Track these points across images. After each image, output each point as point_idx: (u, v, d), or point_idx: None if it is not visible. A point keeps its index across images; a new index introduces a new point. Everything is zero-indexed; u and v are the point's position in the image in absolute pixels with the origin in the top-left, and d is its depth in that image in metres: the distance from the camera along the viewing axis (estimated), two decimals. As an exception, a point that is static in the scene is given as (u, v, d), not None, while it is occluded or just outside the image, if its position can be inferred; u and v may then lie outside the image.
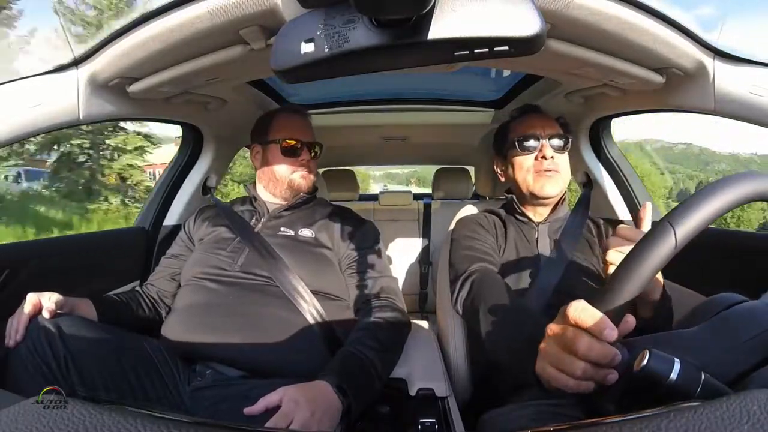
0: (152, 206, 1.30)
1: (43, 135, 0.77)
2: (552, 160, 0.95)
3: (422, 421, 0.79)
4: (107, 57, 0.71)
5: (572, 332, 0.43)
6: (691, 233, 0.40)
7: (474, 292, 0.83)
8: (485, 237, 0.98)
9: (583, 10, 0.59)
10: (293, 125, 1.10)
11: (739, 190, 0.40)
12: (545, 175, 0.96)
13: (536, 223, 1.00)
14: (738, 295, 0.51)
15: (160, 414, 0.31)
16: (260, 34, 0.63)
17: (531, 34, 0.38)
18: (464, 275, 0.88)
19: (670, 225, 0.40)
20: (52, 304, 0.72)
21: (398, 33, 0.40)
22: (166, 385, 0.79)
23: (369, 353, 0.80)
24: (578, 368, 0.42)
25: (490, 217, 1.05)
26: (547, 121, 0.99)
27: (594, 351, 0.41)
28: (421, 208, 2.06)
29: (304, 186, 1.09)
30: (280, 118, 1.11)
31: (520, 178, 0.99)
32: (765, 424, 0.26)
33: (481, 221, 1.03)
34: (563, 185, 0.98)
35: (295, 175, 1.07)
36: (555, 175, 0.96)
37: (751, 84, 0.68)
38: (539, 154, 0.96)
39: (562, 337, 0.44)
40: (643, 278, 0.41)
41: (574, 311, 0.43)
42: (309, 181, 1.10)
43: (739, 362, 0.40)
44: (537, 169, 0.96)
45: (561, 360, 0.44)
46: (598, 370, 0.42)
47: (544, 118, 1.00)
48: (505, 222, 1.03)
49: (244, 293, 0.89)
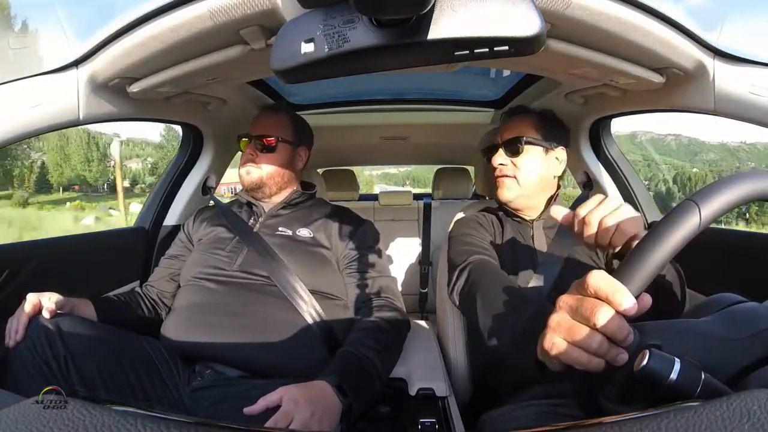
0: (152, 206, 1.30)
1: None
2: (502, 166, 0.97)
3: (422, 421, 0.79)
4: (107, 57, 0.71)
5: (591, 303, 0.40)
6: (716, 214, 0.39)
7: (471, 281, 0.83)
8: (482, 234, 0.99)
9: (583, 11, 0.59)
10: (255, 121, 1.09)
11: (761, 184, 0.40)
12: (499, 182, 0.99)
13: (530, 220, 1.00)
14: (738, 296, 0.51)
15: (160, 414, 0.31)
16: (260, 34, 0.63)
17: (531, 34, 0.38)
18: (461, 266, 0.88)
19: (695, 204, 0.40)
20: (52, 304, 0.72)
21: (398, 33, 0.40)
22: (166, 385, 0.79)
23: (369, 353, 0.80)
24: (595, 341, 0.39)
25: (488, 216, 1.05)
26: (512, 123, 1.00)
27: (613, 324, 0.39)
28: (421, 208, 2.06)
29: (246, 181, 1.06)
30: (254, 117, 1.11)
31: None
32: (765, 424, 0.26)
33: (480, 220, 1.03)
34: (522, 188, 0.97)
35: (241, 171, 1.07)
36: (506, 180, 0.97)
37: (751, 84, 0.68)
38: (491, 163, 1.00)
39: (577, 308, 0.42)
40: (665, 255, 0.40)
41: (595, 280, 0.41)
42: (253, 176, 1.06)
43: (742, 355, 0.40)
44: (494, 176, 1.00)
45: (575, 332, 0.41)
46: (611, 347, 0.40)
47: (513, 120, 1.01)
48: (501, 220, 1.03)
49: (243, 293, 0.89)
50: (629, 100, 0.96)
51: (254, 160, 1.06)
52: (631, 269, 0.41)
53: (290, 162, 1.10)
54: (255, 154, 1.06)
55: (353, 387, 0.72)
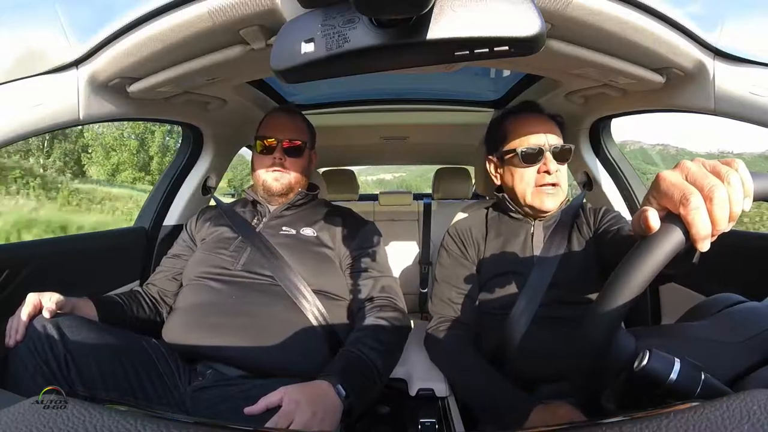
0: (152, 206, 1.30)
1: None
2: (555, 174, 0.91)
3: (422, 421, 0.79)
4: (107, 57, 0.71)
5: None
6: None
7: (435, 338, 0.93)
8: (463, 266, 0.99)
9: (583, 10, 0.59)
10: (273, 123, 1.07)
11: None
12: (544, 191, 0.92)
13: (532, 219, 0.99)
14: (738, 296, 0.51)
15: (160, 414, 0.31)
16: (260, 34, 0.63)
17: (531, 34, 0.38)
18: (433, 319, 0.97)
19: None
20: (52, 304, 0.72)
21: (398, 33, 0.40)
22: (166, 385, 0.79)
23: (370, 353, 0.80)
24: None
25: (478, 224, 1.04)
26: (548, 126, 0.95)
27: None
28: (421, 209, 2.06)
29: (276, 188, 1.04)
30: (268, 117, 1.10)
31: (519, 189, 0.95)
32: (765, 424, 0.26)
33: (466, 235, 1.01)
34: (563, 197, 0.95)
35: (267, 176, 1.04)
36: (556, 189, 0.93)
37: (751, 84, 0.68)
38: (542, 168, 0.91)
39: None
40: (660, 261, 0.39)
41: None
42: (283, 182, 1.04)
43: (741, 358, 0.40)
44: (538, 183, 0.92)
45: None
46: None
47: (546, 122, 0.96)
48: (497, 221, 1.03)
49: (246, 293, 0.89)
50: (629, 100, 0.96)
51: (283, 165, 1.04)
52: (623, 276, 0.40)
53: (308, 165, 1.12)
54: (284, 158, 1.04)
55: (354, 387, 0.72)
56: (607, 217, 0.97)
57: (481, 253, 0.99)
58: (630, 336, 0.41)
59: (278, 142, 1.04)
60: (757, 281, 0.85)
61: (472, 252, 1.00)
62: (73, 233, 6.56)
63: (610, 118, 1.22)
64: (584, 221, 0.99)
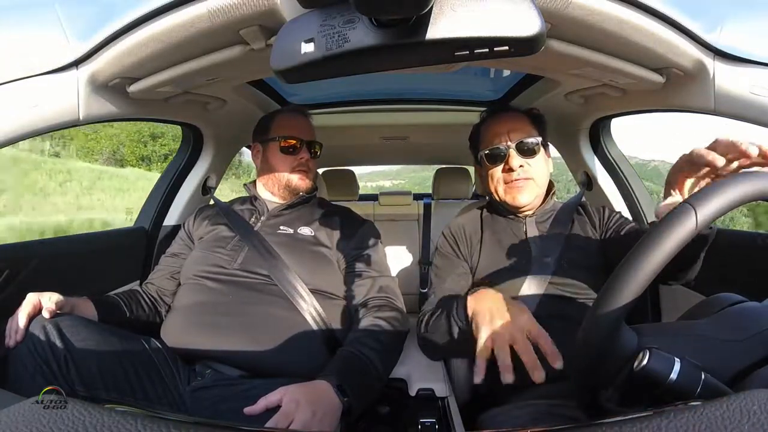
0: (152, 206, 1.30)
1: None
2: (521, 168, 0.93)
3: (422, 421, 0.79)
4: (107, 57, 0.71)
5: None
6: (713, 216, 0.40)
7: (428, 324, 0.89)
8: (455, 264, 0.98)
9: (583, 10, 0.59)
10: (293, 124, 1.09)
11: (760, 185, 0.40)
12: (515, 187, 0.94)
13: (524, 216, 1.00)
14: (738, 296, 0.51)
15: (159, 414, 0.31)
16: (260, 34, 0.63)
17: (531, 34, 0.38)
18: (425, 314, 0.92)
19: (691, 206, 0.40)
20: (52, 304, 0.72)
21: (398, 33, 0.40)
22: (166, 385, 0.79)
23: (369, 353, 0.80)
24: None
25: (471, 222, 1.04)
26: (514, 123, 0.97)
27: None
28: (421, 209, 2.06)
29: (302, 187, 1.08)
30: (282, 117, 1.11)
31: (492, 188, 0.99)
32: (765, 424, 0.26)
33: (459, 233, 1.02)
34: (538, 190, 0.96)
35: (293, 176, 1.07)
36: (526, 183, 0.94)
37: (751, 84, 0.68)
38: (506, 166, 0.94)
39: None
40: (661, 259, 0.40)
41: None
42: (307, 182, 1.09)
43: (741, 358, 0.40)
44: (506, 180, 0.95)
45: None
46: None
47: (511, 120, 0.98)
48: (492, 220, 1.03)
49: (243, 292, 0.89)
50: (629, 100, 0.96)
51: (307, 165, 1.08)
52: (628, 270, 0.41)
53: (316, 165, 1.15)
54: (309, 159, 1.09)
55: (353, 387, 0.72)
56: (615, 218, 0.98)
57: (475, 250, 0.99)
58: (631, 331, 0.41)
59: (302, 143, 1.07)
60: (757, 281, 0.85)
61: (464, 248, 1.00)
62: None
63: (610, 118, 1.22)
64: (587, 220, 0.99)
